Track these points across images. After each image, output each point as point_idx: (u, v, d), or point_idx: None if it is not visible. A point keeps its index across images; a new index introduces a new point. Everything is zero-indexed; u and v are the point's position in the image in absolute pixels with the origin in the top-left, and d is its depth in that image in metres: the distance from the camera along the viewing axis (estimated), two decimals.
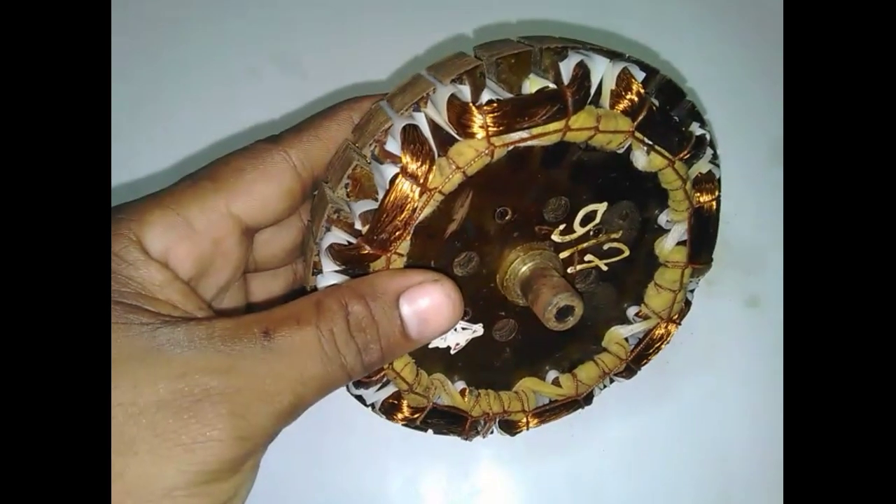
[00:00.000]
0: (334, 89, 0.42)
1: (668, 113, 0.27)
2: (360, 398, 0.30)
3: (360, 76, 0.40)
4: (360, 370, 0.24)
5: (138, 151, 0.40)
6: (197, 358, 0.21)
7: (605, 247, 0.31)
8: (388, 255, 0.25)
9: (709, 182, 0.29)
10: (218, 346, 0.21)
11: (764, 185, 0.44)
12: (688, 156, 0.27)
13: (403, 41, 0.40)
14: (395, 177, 0.24)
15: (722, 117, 0.44)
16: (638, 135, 0.26)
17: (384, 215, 0.24)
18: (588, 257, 0.31)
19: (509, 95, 0.24)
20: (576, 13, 0.43)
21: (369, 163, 0.25)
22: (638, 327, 0.33)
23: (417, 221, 0.25)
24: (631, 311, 0.33)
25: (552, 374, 0.34)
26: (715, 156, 0.30)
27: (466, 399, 0.32)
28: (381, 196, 0.24)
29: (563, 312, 0.27)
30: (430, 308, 0.24)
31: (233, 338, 0.21)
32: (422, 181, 0.24)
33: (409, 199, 0.24)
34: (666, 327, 0.33)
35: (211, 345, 0.21)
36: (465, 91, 0.24)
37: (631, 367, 0.34)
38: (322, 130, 0.27)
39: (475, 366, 0.32)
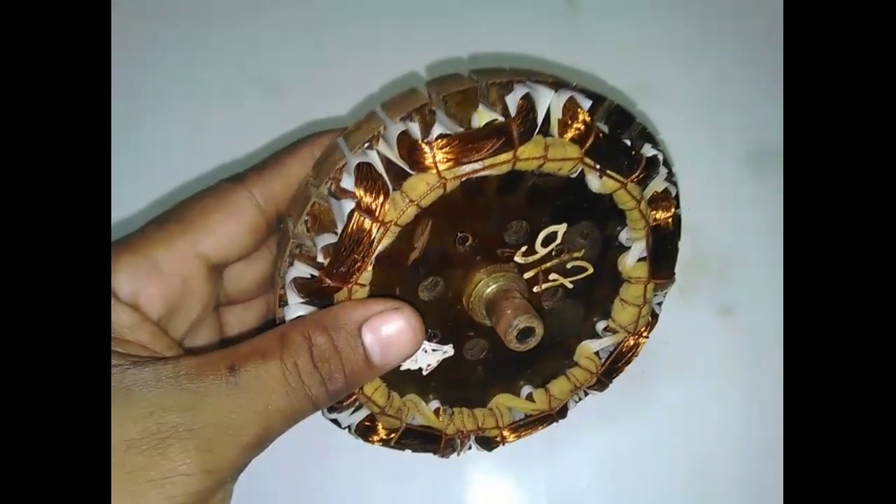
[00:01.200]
0: (311, 115, 0.43)
1: (618, 137, 0.28)
2: (335, 422, 0.31)
3: (335, 104, 0.41)
4: (325, 399, 0.25)
5: (119, 182, 0.41)
6: (164, 397, 0.22)
7: (569, 265, 0.32)
8: (350, 286, 0.26)
9: (664, 200, 0.30)
10: (184, 384, 0.22)
11: (736, 194, 0.45)
12: (640, 177, 0.28)
13: (365, 75, 0.41)
14: (352, 212, 0.25)
15: (694, 128, 0.45)
16: (587, 160, 0.27)
17: (342, 249, 0.25)
18: (552, 276, 0.32)
19: (459, 129, 0.25)
20: (534, 33, 0.44)
21: (327, 200, 0.26)
22: (607, 341, 0.34)
23: (377, 253, 0.26)
24: (600, 326, 0.34)
25: (526, 390, 0.35)
26: (671, 174, 0.30)
27: (440, 418, 0.33)
28: (339, 230, 0.25)
29: (524, 334, 0.28)
30: (391, 335, 0.25)
31: (198, 375, 0.22)
32: (377, 215, 0.25)
33: (365, 233, 0.25)
34: (634, 340, 0.34)
35: (177, 383, 0.22)
36: (415, 128, 0.25)
37: (602, 380, 0.35)
38: (284, 167, 0.28)
39: (448, 385, 0.33)
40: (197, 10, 0.46)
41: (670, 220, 0.31)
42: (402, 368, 0.31)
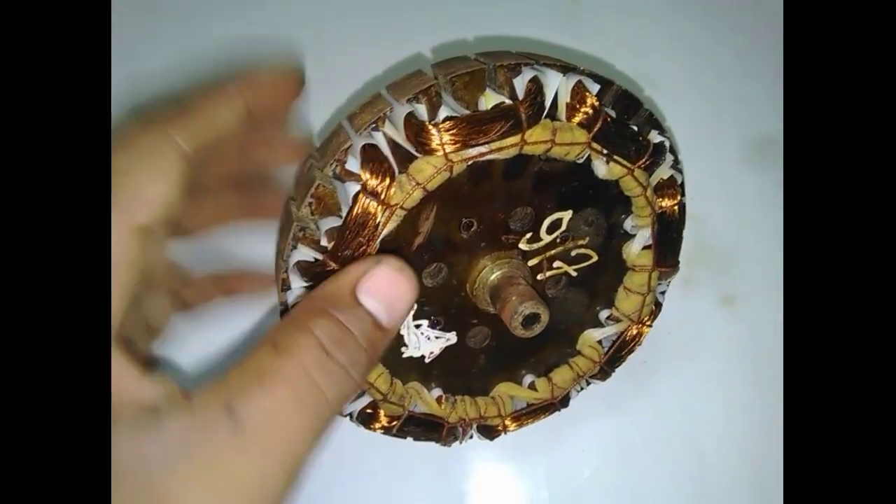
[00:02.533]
0: (314, 103, 0.43)
1: (626, 122, 0.27)
2: None
3: (324, 94, 0.40)
4: (353, 387, 0.21)
5: None
6: (158, 481, 0.18)
7: (573, 253, 0.31)
8: None
9: (671, 187, 0.30)
10: (178, 452, 0.18)
11: (738, 185, 0.44)
12: (647, 163, 0.28)
13: (367, 60, 0.41)
14: (357, 195, 0.24)
15: (696, 118, 0.45)
16: (595, 145, 0.26)
17: (347, 232, 0.25)
18: (557, 264, 0.31)
19: (466, 112, 0.25)
20: (535, 26, 0.44)
21: (331, 182, 0.25)
22: (610, 330, 0.34)
23: (382, 236, 0.25)
24: (603, 315, 0.34)
25: (528, 378, 0.35)
26: (676, 161, 0.30)
27: (443, 406, 0.33)
28: (344, 213, 0.25)
29: (529, 320, 0.28)
30: (387, 289, 0.23)
31: (192, 433, 0.18)
32: (383, 198, 0.24)
33: (371, 216, 0.24)
34: (638, 329, 0.34)
35: (168, 455, 0.18)
36: (422, 110, 0.24)
37: (605, 369, 0.35)
38: (210, 106, 0.24)
39: (451, 373, 0.33)
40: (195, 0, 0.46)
41: (676, 207, 0.30)
42: (405, 356, 0.31)
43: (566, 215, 0.30)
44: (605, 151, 0.27)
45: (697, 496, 0.39)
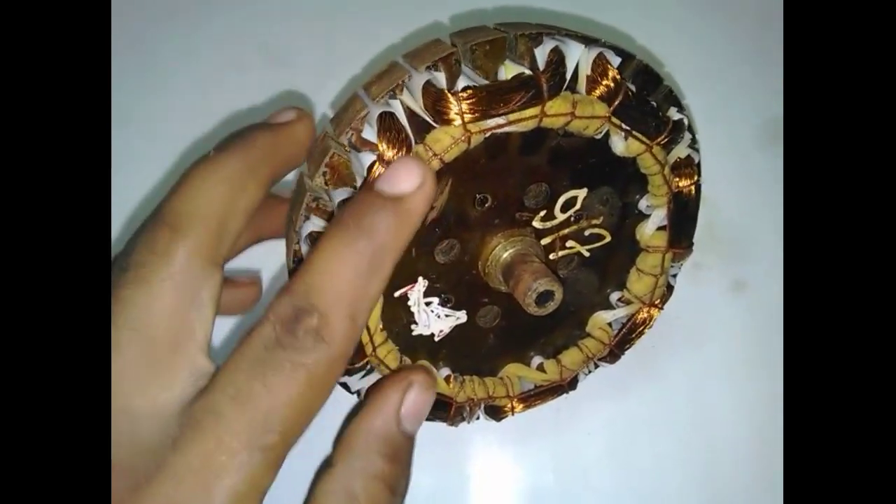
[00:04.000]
0: (316, 77, 0.42)
1: (646, 98, 0.27)
2: (344, 386, 0.30)
3: (339, 64, 0.40)
4: None
5: (121, 159, 0.39)
6: None
7: (587, 233, 0.31)
8: None
9: (688, 167, 0.29)
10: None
11: (751, 169, 0.44)
12: (665, 140, 0.28)
13: (383, 29, 0.40)
14: (373, 164, 0.24)
15: (708, 102, 0.44)
16: (615, 120, 0.26)
17: None
18: (570, 243, 0.31)
19: (485, 82, 0.24)
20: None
21: (347, 151, 0.25)
22: (621, 312, 0.34)
23: None
24: (614, 297, 0.34)
25: (537, 360, 0.34)
26: (694, 140, 0.30)
27: (451, 385, 0.32)
28: (359, 184, 0.24)
29: (543, 297, 0.27)
30: (422, 410, 0.26)
31: None
32: None
33: None
34: (648, 312, 0.34)
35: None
36: (441, 78, 0.24)
37: (614, 352, 0.34)
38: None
39: (460, 352, 0.32)
40: None
41: (692, 187, 0.30)
42: (415, 333, 0.30)
43: (581, 193, 0.29)
44: (624, 126, 0.26)
45: (704, 481, 0.39)
